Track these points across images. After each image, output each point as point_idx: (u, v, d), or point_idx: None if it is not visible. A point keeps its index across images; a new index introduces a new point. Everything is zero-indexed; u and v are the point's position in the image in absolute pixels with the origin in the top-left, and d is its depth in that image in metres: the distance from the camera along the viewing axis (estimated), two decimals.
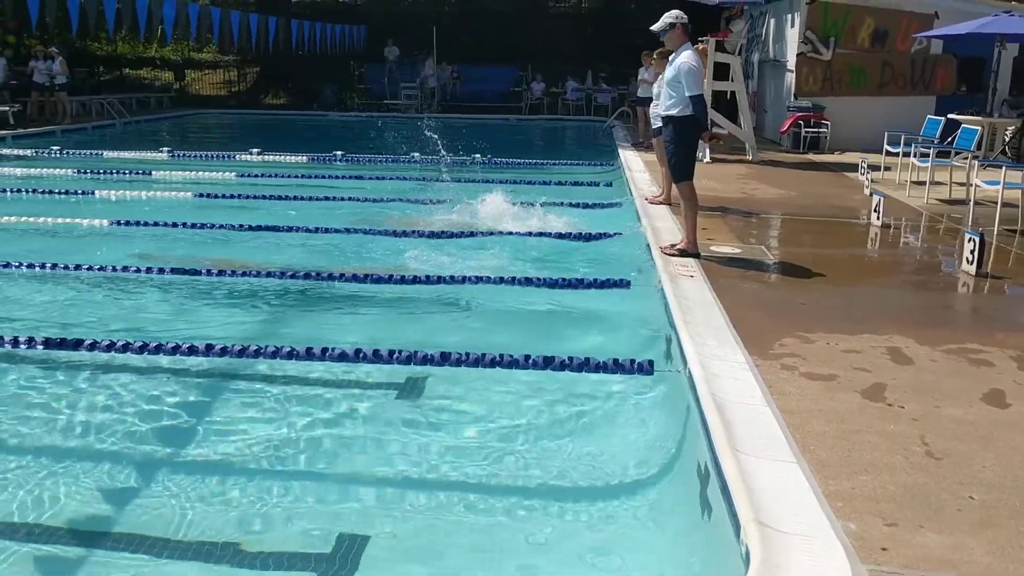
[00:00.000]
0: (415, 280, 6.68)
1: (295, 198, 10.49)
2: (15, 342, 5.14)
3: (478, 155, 14.02)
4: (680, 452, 4.12)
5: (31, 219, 8.71)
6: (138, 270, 6.93)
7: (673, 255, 7.05)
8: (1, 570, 3.17)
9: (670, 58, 7.34)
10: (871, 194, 9.39)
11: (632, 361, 4.89)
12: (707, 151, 13.21)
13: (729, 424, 3.78)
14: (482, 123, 23.32)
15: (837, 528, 3.00)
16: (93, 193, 10.66)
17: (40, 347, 5.12)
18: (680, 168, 7.28)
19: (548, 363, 4.91)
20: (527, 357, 4.94)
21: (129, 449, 4.14)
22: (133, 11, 17.56)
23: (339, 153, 14.02)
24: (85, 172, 12.50)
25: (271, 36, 23.33)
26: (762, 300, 6.02)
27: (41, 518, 3.51)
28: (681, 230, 7.49)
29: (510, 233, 8.35)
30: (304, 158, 13.88)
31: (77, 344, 5.12)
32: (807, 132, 15.56)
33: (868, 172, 11.25)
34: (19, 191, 10.78)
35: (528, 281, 6.61)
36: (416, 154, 14.21)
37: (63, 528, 3.45)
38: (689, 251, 7.08)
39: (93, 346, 5.10)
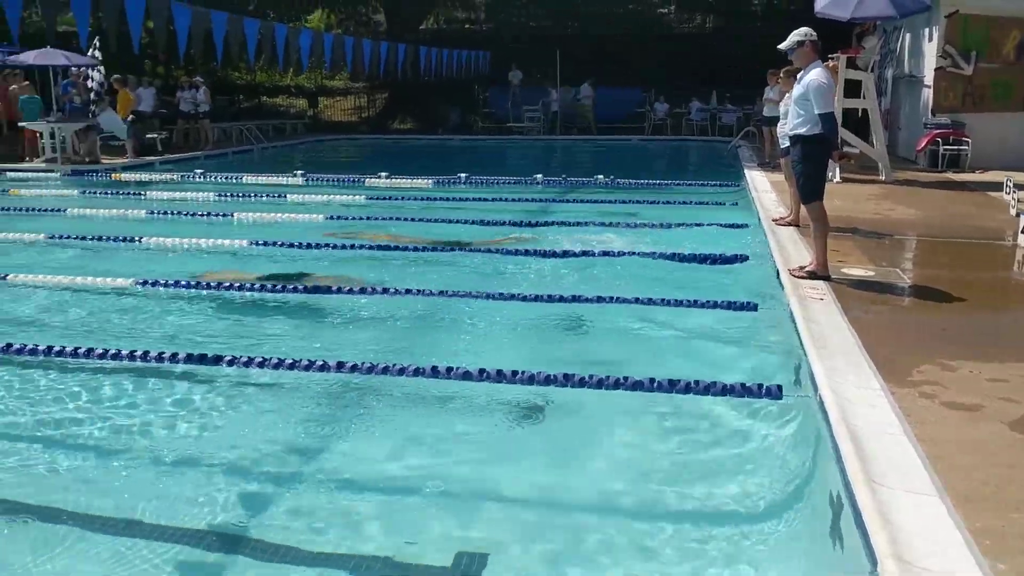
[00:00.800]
0: (536, 299, 6.71)
1: (420, 220, 10.73)
2: (159, 357, 5.41)
3: (600, 176, 14.03)
4: (810, 481, 3.98)
5: (176, 240, 9.19)
6: (272, 289, 7.21)
7: (802, 277, 6.84)
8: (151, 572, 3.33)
9: (799, 75, 7.16)
10: (1018, 215, 8.88)
11: (760, 385, 4.76)
12: (837, 171, 12.80)
13: (863, 453, 3.63)
14: (605, 145, 23.35)
15: (985, 568, 2.82)
16: (232, 215, 11.17)
17: (181, 362, 5.38)
18: (809, 188, 7.08)
19: (672, 386, 4.83)
20: (652, 380, 4.87)
21: (257, 463, 4.29)
22: (272, 41, 18.41)
23: (463, 175, 14.27)
24: (225, 195, 13.13)
25: (400, 63, 24.01)
26: (897, 324, 5.76)
27: (183, 521, 3.68)
28: (810, 252, 7.27)
29: (632, 254, 8.29)
30: (429, 181, 14.18)
31: (216, 360, 5.35)
32: (945, 150, 14.88)
33: (1015, 191, 10.65)
34: (165, 213, 11.42)
35: (651, 302, 6.54)
36: (539, 175, 14.33)
37: (199, 533, 3.60)
38: (819, 273, 6.86)
39: (232, 362, 5.32)
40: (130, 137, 17.74)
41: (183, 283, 7.38)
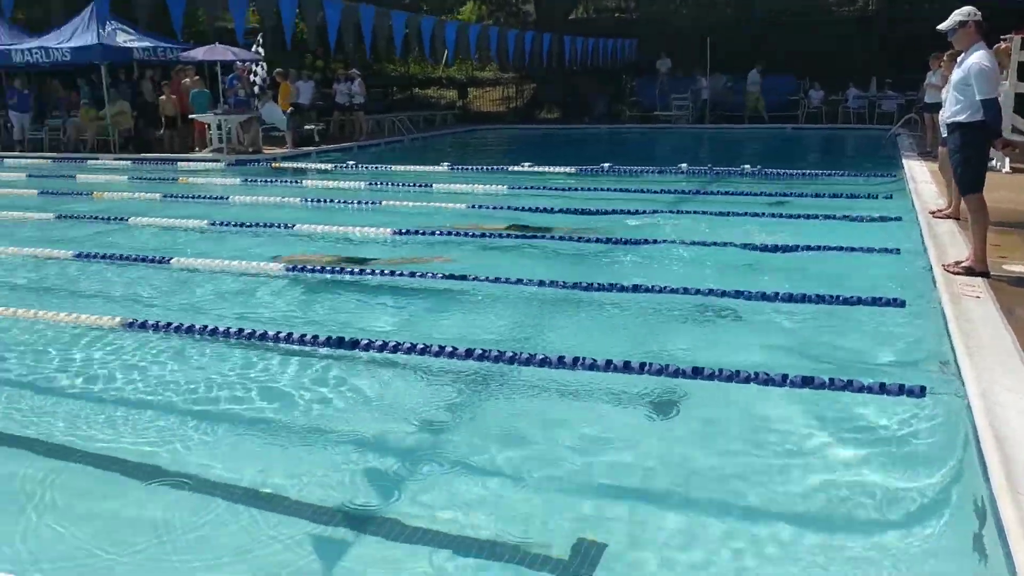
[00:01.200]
0: (672, 291, 6.62)
1: (560, 211, 10.77)
2: (301, 339, 5.68)
3: (747, 165, 13.67)
4: (952, 488, 3.77)
5: (326, 227, 9.60)
6: (411, 275, 7.43)
7: (958, 273, 6.46)
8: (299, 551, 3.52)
9: (959, 59, 6.74)
10: None
11: (901, 385, 4.54)
12: (1006, 161, 11.98)
13: (1010, 461, 3.41)
14: (755, 134, 22.71)
15: None
16: (380, 203, 11.55)
17: (321, 345, 5.62)
18: (967, 179, 6.67)
19: (807, 383, 4.68)
20: (784, 376, 4.73)
21: (384, 443, 4.44)
22: (419, 34, 18.87)
23: (606, 165, 14.21)
24: (375, 184, 13.59)
25: (545, 53, 24.11)
26: None
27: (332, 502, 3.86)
28: (968, 246, 6.85)
29: (774, 247, 8.05)
30: (572, 169, 14.20)
31: (353, 344, 5.56)
32: None
33: None
34: (318, 201, 11.93)
35: (791, 298, 6.34)
36: (683, 165, 14.10)
37: (324, 509, 3.77)
38: (976, 269, 6.46)
39: (368, 346, 5.53)
40: (289, 128, 18.62)
41: (328, 269, 7.70)
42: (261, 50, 19.47)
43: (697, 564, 3.33)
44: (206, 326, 5.98)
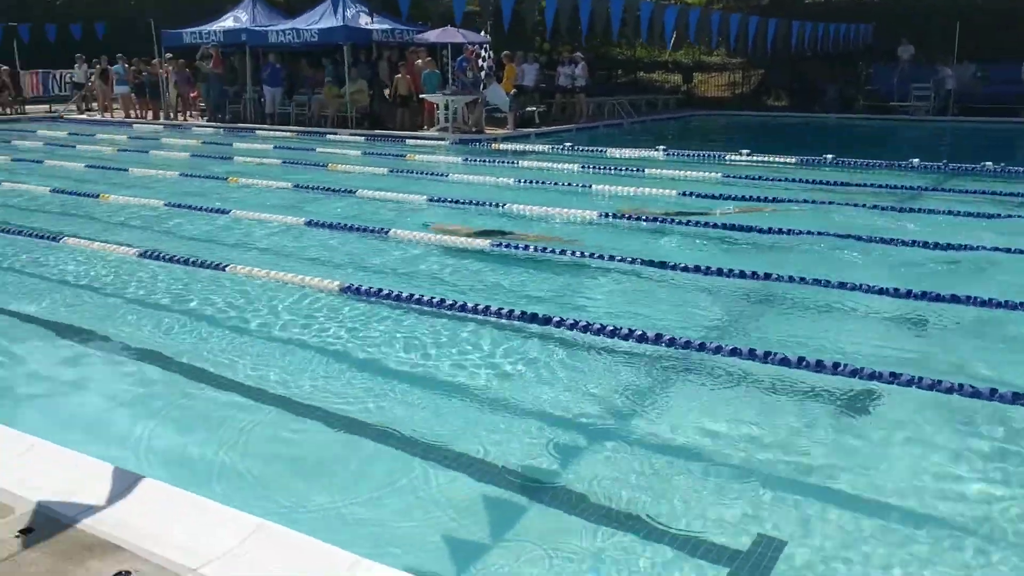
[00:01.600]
0: (882, 292, 6.32)
1: (775, 199, 10.46)
2: (498, 312, 5.93)
3: (989, 163, 12.65)
4: None
5: (536, 208, 9.87)
6: (605, 257, 7.51)
7: None
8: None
9: None
10: None
11: None
12: None
13: None
14: (1003, 128, 20.88)
15: None
16: (590, 186, 11.70)
17: (516, 319, 5.85)
18: None
19: (1017, 398, 4.37)
20: (993, 390, 4.44)
21: (568, 419, 4.58)
22: (636, 17, 18.75)
23: (829, 156, 13.60)
24: (588, 167, 13.75)
25: (770, 37, 23.23)
26: None
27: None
28: None
29: (1007, 250, 7.47)
30: (792, 160, 13.71)
31: (546, 320, 5.75)
32: None
33: None
34: (531, 182, 12.25)
35: (1003, 304, 5.88)
36: (915, 160, 13.25)
37: (505, 472, 3.96)
38: None
39: (560, 323, 5.69)
40: (512, 110, 19.14)
41: (534, 247, 7.95)
42: (488, 36, 20.11)
43: (874, 563, 3.24)
44: (412, 294, 6.37)
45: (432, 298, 6.29)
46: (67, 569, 2.80)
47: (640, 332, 5.41)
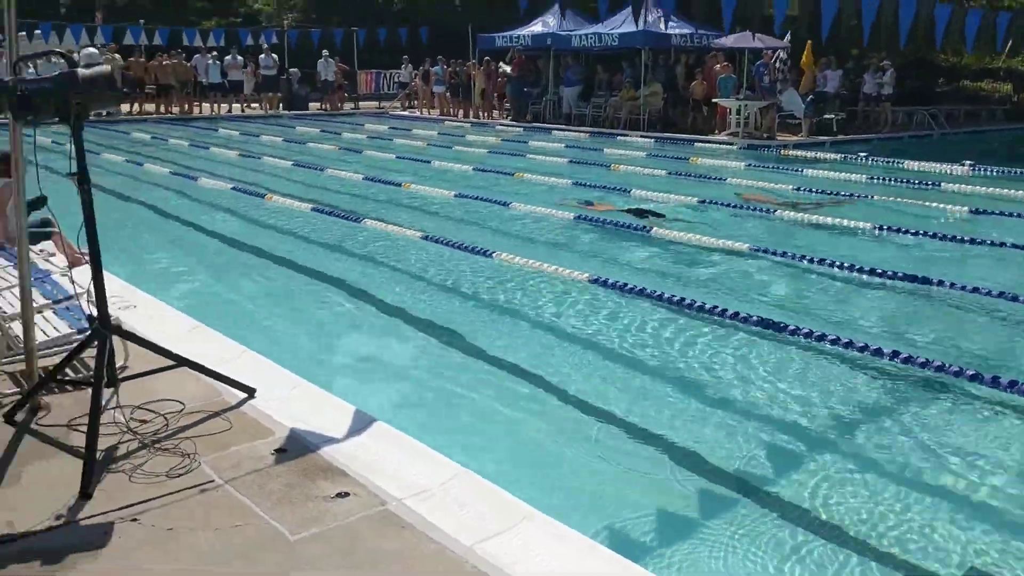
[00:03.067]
0: None
1: None
2: (734, 316, 6.00)
3: None
4: None
5: (810, 217, 9.63)
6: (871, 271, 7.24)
7: None
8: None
9: None
10: None
11: None
12: None
13: None
14: None
15: None
16: (871, 197, 11.15)
17: (754, 324, 5.89)
18: None
19: None
20: None
21: (804, 428, 4.60)
22: (962, 22, 17.36)
23: None
24: (877, 179, 13.05)
25: None
26: None
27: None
28: None
29: None
30: None
31: (793, 331, 5.74)
32: None
33: None
34: (813, 191, 11.89)
35: None
36: None
37: (729, 475, 4.10)
38: None
39: (804, 333, 5.66)
40: (807, 116, 18.54)
41: (790, 254, 7.84)
42: (787, 41, 19.58)
43: None
44: (655, 291, 6.60)
45: (670, 295, 6.47)
46: (302, 483, 3.38)
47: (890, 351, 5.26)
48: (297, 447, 3.69)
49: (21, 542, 2.95)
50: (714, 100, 19.31)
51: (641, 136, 19.15)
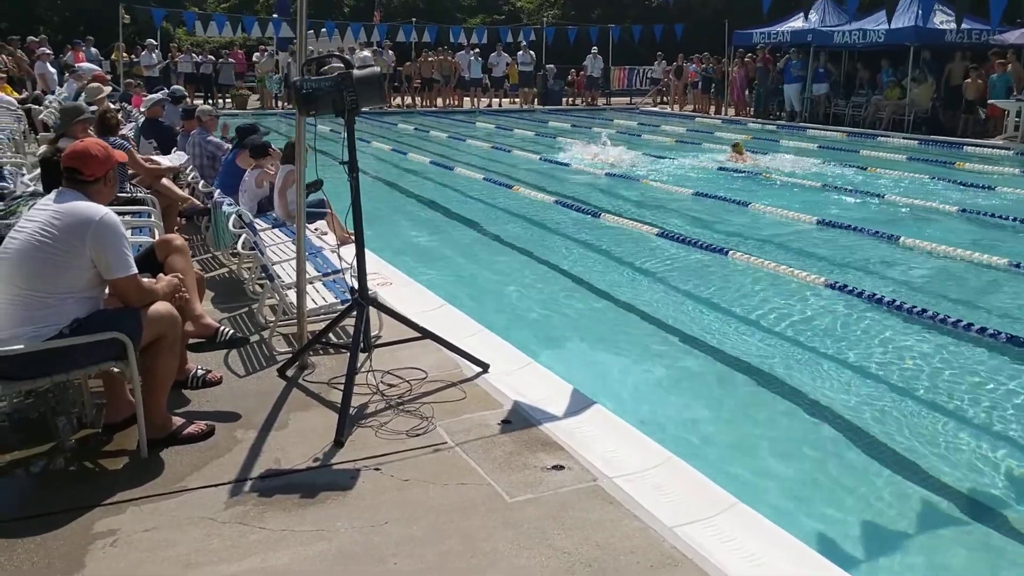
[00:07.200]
0: None
1: None
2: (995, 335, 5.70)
3: None
4: None
5: None
6: None
7: None
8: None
9: None
10: None
11: None
12: None
13: None
14: None
15: None
16: None
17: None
18: None
19: None
20: None
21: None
22: None
23: None
24: None
25: None
26: None
27: None
28: None
29: None
30: None
31: None
32: None
33: None
34: None
35: None
36: None
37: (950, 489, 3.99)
38: None
39: None
40: None
41: None
42: None
43: None
44: (892, 300, 6.38)
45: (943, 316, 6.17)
46: (522, 452, 3.68)
47: None
48: (521, 420, 4.00)
49: (285, 477, 3.47)
50: (989, 101, 17.78)
51: (904, 138, 18.03)
